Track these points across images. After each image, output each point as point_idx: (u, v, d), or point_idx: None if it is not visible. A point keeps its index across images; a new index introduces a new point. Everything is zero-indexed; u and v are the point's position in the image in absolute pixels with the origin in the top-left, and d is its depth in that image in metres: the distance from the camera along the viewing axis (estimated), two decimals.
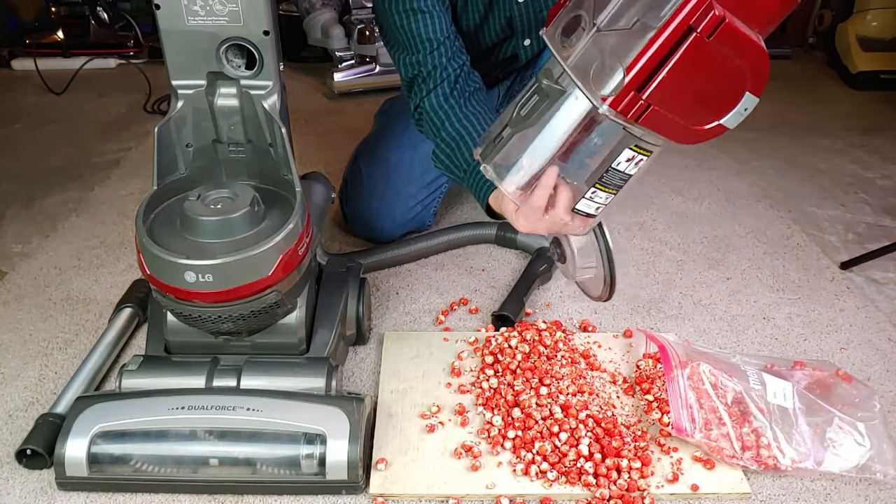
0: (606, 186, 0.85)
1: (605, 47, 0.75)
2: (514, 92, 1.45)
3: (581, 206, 0.87)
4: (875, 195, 1.75)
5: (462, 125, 1.15)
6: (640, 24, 0.73)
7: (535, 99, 0.83)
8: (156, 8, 0.89)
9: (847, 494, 0.94)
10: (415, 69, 1.18)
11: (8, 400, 1.06)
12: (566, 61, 0.78)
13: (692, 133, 0.78)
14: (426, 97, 1.18)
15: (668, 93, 0.73)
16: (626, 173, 0.84)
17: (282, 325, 1.01)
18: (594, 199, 0.86)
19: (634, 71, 0.72)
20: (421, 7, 1.15)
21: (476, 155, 0.91)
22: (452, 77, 1.17)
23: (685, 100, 0.75)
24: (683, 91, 0.74)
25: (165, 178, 0.99)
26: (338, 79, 2.33)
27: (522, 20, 1.28)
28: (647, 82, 0.72)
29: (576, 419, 0.99)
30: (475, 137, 1.12)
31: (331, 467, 0.88)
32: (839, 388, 1.05)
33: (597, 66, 0.76)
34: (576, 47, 0.78)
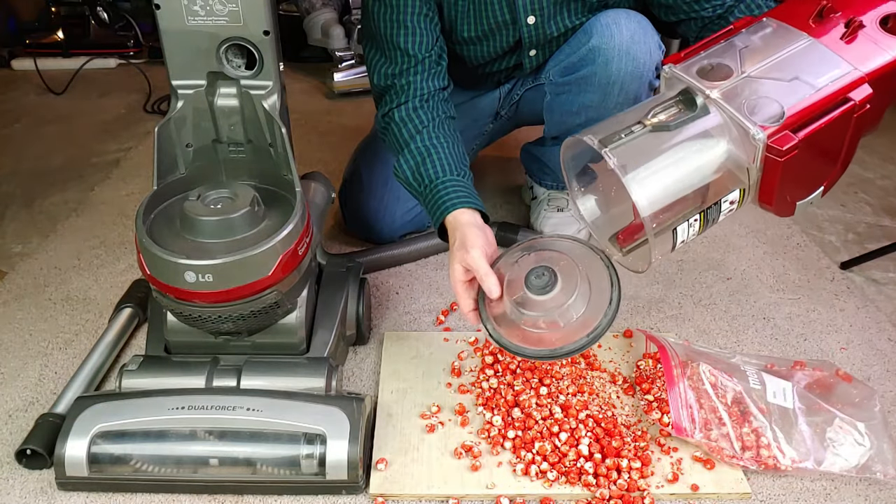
0: (705, 220, 0.88)
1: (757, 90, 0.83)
2: (515, 96, 1.45)
3: (680, 229, 0.87)
4: (875, 195, 1.75)
5: (432, 143, 1.11)
6: (797, 81, 0.82)
7: (678, 108, 0.87)
8: (156, 8, 0.89)
9: (847, 494, 0.94)
10: (389, 80, 1.17)
11: (8, 400, 1.06)
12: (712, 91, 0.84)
13: (783, 201, 0.86)
14: (396, 108, 1.15)
15: (810, 146, 0.81)
16: (720, 215, 0.88)
17: (282, 325, 1.01)
18: (691, 228, 0.87)
19: (797, 111, 0.81)
20: (406, 23, 1.15)
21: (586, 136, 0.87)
22: (427, 95, 1.15)
23: (807, 162, 0.83)
24: (814, 151, 0.82)
25: (165, 178, 1.00)
26: (338, 79, 2.33)
27: (532, 38, 1.27)
28: (801, 127, 0.80)
29: (576, 419, 0.99)
30: (443, 158, 1.09)
31: (331, 467, 0.88)
32: (839, 387, 1.05)
33: (750, 101, 0.82)
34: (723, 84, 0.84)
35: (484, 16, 1.22)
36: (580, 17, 1.25)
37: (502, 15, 1.22)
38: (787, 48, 0.86)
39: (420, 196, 1.11)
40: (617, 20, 1.19)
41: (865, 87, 0.82)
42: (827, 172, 0.87)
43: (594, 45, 1.20)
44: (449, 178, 1.07)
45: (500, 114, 1.49)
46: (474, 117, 1.46)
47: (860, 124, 0.83)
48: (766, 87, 0.84)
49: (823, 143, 0.82)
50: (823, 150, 0.84)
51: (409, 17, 1.15)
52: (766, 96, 0.82)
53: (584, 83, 1.25)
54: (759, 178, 0.84)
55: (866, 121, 0.84)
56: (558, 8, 1.22)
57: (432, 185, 1.07)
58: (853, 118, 0.82)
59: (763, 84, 0.84)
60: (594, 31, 1.21)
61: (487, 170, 1.73)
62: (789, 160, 0.80)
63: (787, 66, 0.85)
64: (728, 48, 0.89)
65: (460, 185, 1.07)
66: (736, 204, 0.88)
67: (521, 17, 1.22)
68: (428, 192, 1.08)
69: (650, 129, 0.86)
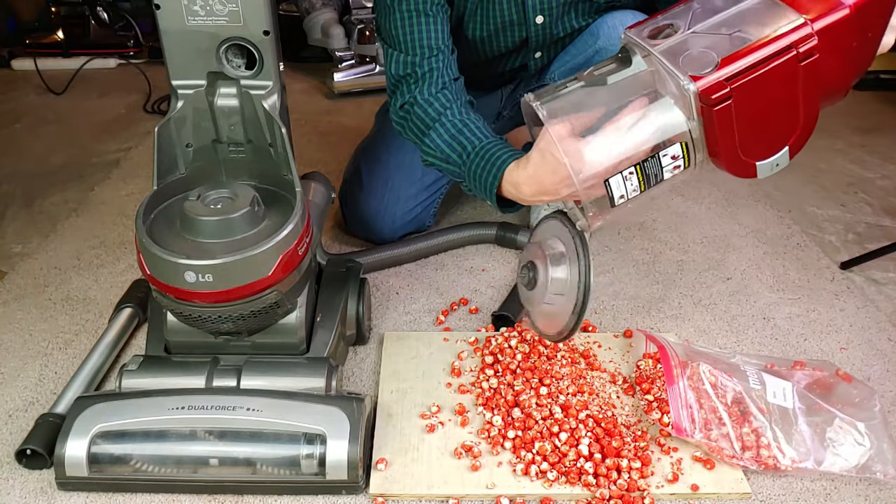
0: (643, 174, 0.86)
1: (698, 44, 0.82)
2: (518, 96, 1.45)
3: (613, 182, 0.86)
4: (875, 195, 1.75)
5: (467, 116, 1.10)
6: (738, 35, 0.81)
7: (613, 65, 0.87)
8: (156, 8, 0.89)
9: (847, 494, 0.94)
10: (407, 69, 1.15)
11: (8, 400, 1.06)
12: (654, 48, 0.83)
13: (735, 158, 0.83)
14: (419, 92, 1.13)
15: (747, 94, 0.79)
16: (662, 171, 0.86)
17: (282, 325, 1.01)
18: (627, 182, 0.86)
19: (732, 63, 0.78)
20: (426, 10, 1.13)
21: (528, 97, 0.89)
22: (447, 82, 1.15)
23: (752, 114, 0.80)
24: (756, 103, 0.80)
25: (165, 178, 1.00)
26: (338, 79, 2.33)
27: (538, 38, 1.26)
28: (737, 75, 0.78)
29: (576, 419, 0.99)
30: (481, 127, 1.08)
31: (331, 467, 0.88)
32: (839, 387, 1.05)
33: (688, 54, 0.81)
34: (665, 42, 0.84)
35: (492, 14, 1.22)
36: (587, 18, 1.25)
37: (510, 14, 1.22)
38: (739, 4, 0.84)
39: (462, 167, 1.07)
40: (624, 21, 1.19)
41: (810, 36, 0.78)
42: (787, 131, 0.84)
43: (601, 47, 1.20)
44: (494, 140, 1.05)
45: (501, 114, 1.49)
46: None
47: (811, 76, 0.80)
48: (707, 41, 0.82)
49: (769, 93, 0.80)
50: (772, 104, 0.81)
51: (427, 5, 1.13)
52: (704, 49, 0.81)
53: None
54: (702, 133, 0.83)
55: (821, 75, 0.81)
56: (566, 8, 1.22)
57: (478, 149, 1.04)
58: (800, 67, 0.79)
59: (705, 38, 0.82)
60: (601, 32, 1.21)
61: None
62: (723, 110, 0.78)
63: (736, 20, 0.83)
64: (685, 10, 0.88)
65: (507, 145, 1.04)
66: (681, 160, 0.86)
67: (529, 17, 1.22)
68: (474, 156, 1.04)
69: (583, 83, 0.87)
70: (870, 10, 0.81)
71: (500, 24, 1.23)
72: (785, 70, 0.79)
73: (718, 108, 0.79)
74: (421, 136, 1.12)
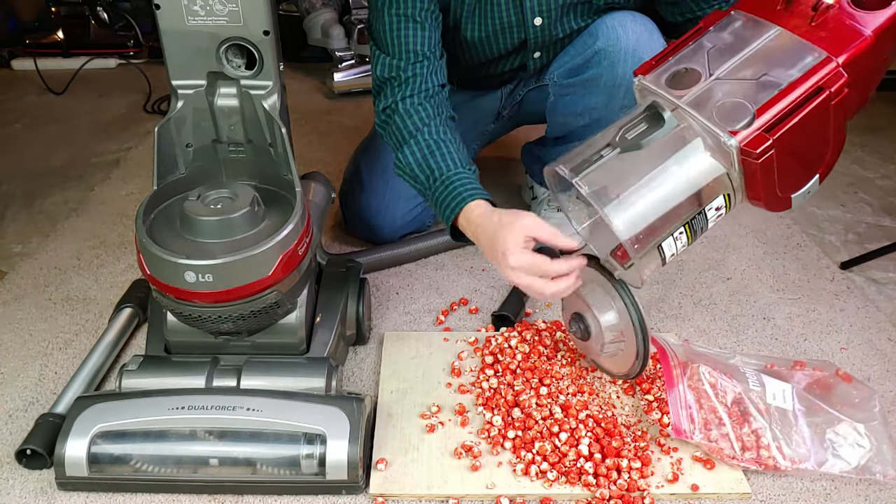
0: (691, 230, 0.86)
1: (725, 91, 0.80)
2: (517, 96, 1.45)
3: (665, 245, 0.86)
4: (875, 195, 1.75)
5: (440, 137, 1.09)
6: (766, 78, 0.79)
7: (644, 126, 0.85)
8: (156, 8, 0.89)
9: (847, 495, 0.94)
10: (392, 71, 1.15)
11: (8, 400, 1.06)
12: (681, 100, 0.81)
13: (774, 197, 0.83)
14: (401, 100, 1.13)
15: (787, 141, 0.78)
16: (708, 222, 0.86)
17: (282, 325, 1.01)
18: (678, 241, 0.86)
19: (768, 113, 0.77)
20: (414, 16, 1.14)
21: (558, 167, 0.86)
22: (430, 90, 1.14)
23: (790, 156, 0.80)
24: (795, 146, 0.79)
25: (165, 178, 1.00)
26: (338, 79, 2.33)
27: (537, 39, 1.26)
28: (775, 126, 0.77)
29: (576, 419, 0.99)
30: (452, 152, 1.07)
31: (331, 467, 0.88)
32: (839, 388, 1.05)
33: (720, 105, 0.80)
34: (691, 91, 0.82)
35: (490, 17, 1.22)
36: (586, 19, 1.24)
37: (509, 16, 1.22)
38: (755, 42, 0.82)
39: (426, 189, 1.08)
40: (623, 22, 1.19)
41: (840, 74, 0.77)
42: (818, 161, 0.84)
43: (600, 48, 1.20)
44: (461, 171, 1.05)
45: (501, 114, 1.49)
46: (476, 118, 1.46)
47: (841, 110, 0.79)
48: (734, 88, 0.81)
49: (804, 135, 0.79)
50: (807, 142, 0.81)
51: (416, 11, 1.14)
52: (735, 98, 0.80)
53: (589, 85, 1.25)
54: (742, 181, 0.82)
55: (849, 105, 0.80)
56: (565, 10, 1.22)
57: (443, 178, 1.05)
58: (831, 106, 0.78)
59: (732, 86, 0.81)
60: (600, 33, 1.21)
61: (487, 169, 1.72)
62: (767, 160, 0.77)
63: (756, 61, 0.81)
64: (697, 49, 0.86)
65: (473, 179, 1.05)
66: (723, 209, 0.86)
67: (528, 19, 1.22)
68: (438, 184, 1.05)
69: (619, 150, 0.85)
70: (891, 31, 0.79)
71: (499, 26, 1.23)
72: (819, 112, 0.78)
73: (762, 161, 0.77)
74: (396, 146, 1.13)
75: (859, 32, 0.78)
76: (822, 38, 0.79)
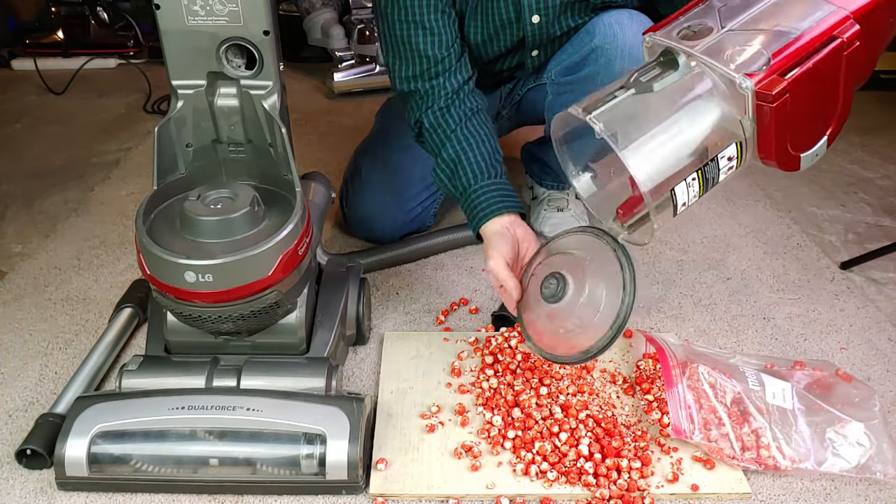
0: (703, 178, 0.84)
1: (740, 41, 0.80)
2: (516, 96, 1.45)
3: (678, 190, 0.83)
4: (875, 195, 1.75)
5: (461, 147, 1.12)
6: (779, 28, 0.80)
7: (658, 70, 0.84)
8: (156, 8, 0.89)
9: (847, 494, 0.94)
10: (411, 85, 1.16)
11: (8, 400, 1.06)
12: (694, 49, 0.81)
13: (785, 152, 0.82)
14: (424, 114, 1.15)
15: (800, 89, 0.78)
16: (720, 173, 0.84)
17: (282, 325, 1.01)
18: (690, 188, 0.84)
19: (783, 55, 0.77)
20: (423, 22, 1.13)
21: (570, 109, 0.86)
22: (451, 95, 1.15)
23: (803, 107, 0.80)
24: (807, 96, 0.79)
25: (165, 178, 0.99)
26: (338, 79, 2.33)
27: (535, 37, 1.26)
28: (789, 70, 0.77)
29: (576, 419, 0.99)
30: (472, 163, 1.11)
31: (331, 467, 0.88)
32: (839, 387, 1.05)
33: (734, 51, 0.80)
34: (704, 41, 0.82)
35: (490, 15, 1.22)
36: (584, 17, 1.25)
37: (508, 13, 1.22)
38: None
39: (461, 203, 1.14)
40: (620, 20, 1.19)
41: (852, 24, 0.78)
42: (827, 120, 0.83)
43: (597, 45, 1.20)
44: (480, 186, 1.10)
45: (500, 114, 1.49)
46: None
47: (852, 64, 0.80)
48: (748, 37, 0.81)
49: (816, 85, 0.79)
50: (818, 94, 0.81)
51: (425, 15, 1.13)
52: (750, 46, 0.80)
53: (586, 83, 1.25)
54: (754, 130, 0.81)
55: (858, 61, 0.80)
56: (563, 8, 1.22)
57: (466, 195, 1.11)
58: (843, 56, 0.79)
59: (746, 35, 0.81)
60: (597, 30, 1.21)
61: None
62: (781, 105, 0.77)
63: (769, 15, 0.82)
64: (707, 9, 0.86)
65: (491, 190, 1.10)
66: (735, 161, 0.84)
67: (525, 16, 1.22)
68: (465, 200, 1.12)
69: (633, 91, 0.84)
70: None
71: (499, 24, 1.23)
72: (832, 61, 0.78)
73: (777, 104, 0.77)
74: (433, 157, 1.17)
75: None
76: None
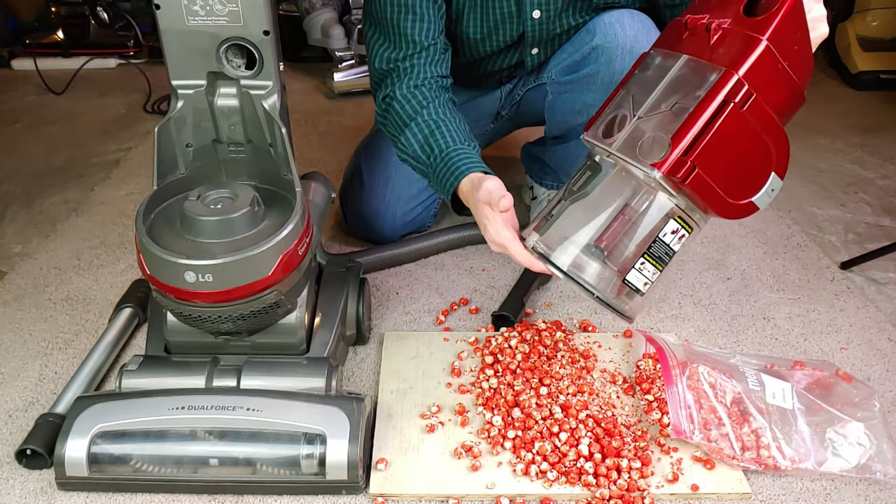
0: (653, 259, 0.88)
1: (647, 129, 0.85)
2: (516, 96, 1.45)
3: (631, 277, 0.88)
4: (875, 195, 1.75)
5: (440, 116, 1.12)
6: (678, 106, 0.83)
7: (588, 174, 0.91)
8: (156, 8, 0.89)
9: (847, 494, 0.94)
10: (391, 64, 1.16)
11: (8, 400, 1.06)
12: (611, 146, 0.87)
13: (729, 206, 0.86)
14: (398, 87, 1.15)
15: (709, 157, 0.81)
16: (670, 247, 0.88)
17: (282, 325, 1.01)
18: (643, 271, 0.88)
19: (683, 138, 0.81)
20: (414, 7, 1.14)
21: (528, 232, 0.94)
22: (430, 79, 1.16)
23: (723, 168, 0.83)
24: (722, 158, 0.82)
25: (165, 178, 0.99)
26: (338, 79, 2.33)
27: (535, 34, 1.26)
28: (692, 147, 0.81)
29: (576, 419, 0.99)
30: (452, 130, 1.11)
31: (331, 467, 0.88)
32: (839, 387, 1.05)
33: (642, 143, 0.84)
34: (619, 136, 0.87)
35: (490, 9, 1.22)
36: (584, 16, 1.25)
37: (509, 7, 1.22)
38: (668, 74, 0.87)
39: (429, 168, 1.11)
40: (620, 19, 1.19)
41: (740, 83, 0.80)
42: (765, 162, 0.86)
43: (597, 44, 1.20)
44: (461, 147, 1.08)
45: (500, 114, 1.49)
46: (475, 117, 1.46)
47: (758, 111, 0.82)
48: (654, 122, 0.85)
49: (728, 146, 0.82)
50: (736, 151, 0.83)
51: (417, 1, 1.14)
52: (654, 132, 0.84)
53: (586, 82, 1.25)
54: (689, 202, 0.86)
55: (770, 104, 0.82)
56: (564, 6, 1.22)
57: (444, 154, 1.08)
58: (744, 112, 0.81)
59: (652, 121, 0.85)
60: (597, 29, 1.21)
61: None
62: (694, 180, 0.81)
63: (670, 92, 0.86)
64: (625, 95, 0.91)
65: (472, 154, 1.08)
66: (682, 230, 0.88)
67: (526, 11, 1.22)
68: (439, 161, 1.09)
69: (567, 201, 0.91)
70: (785, 28, 0.81)
71: (500, 18, 1.23)
72: (732, 121, 0.81)
73: (689, 181, 0.81)
74: (398, 133, 1.15)
75: (753, 40, 0.81)
76: (720, 56, 0.83)
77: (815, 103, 2.36)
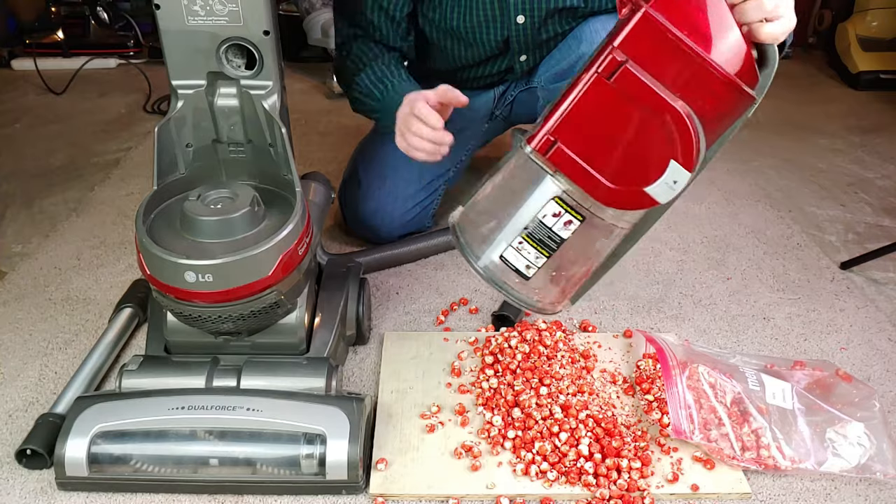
0: (533, 240, 0.85)
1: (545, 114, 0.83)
2: (509, 97, 1.46)
3: (508, 254, 0.86)
4: (875, 195, 1.75)
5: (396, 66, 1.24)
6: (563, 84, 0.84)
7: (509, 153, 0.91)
8: (156, 8, 0.89)
9: (847, 494, 0.94)
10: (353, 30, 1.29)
11: (8, 400, 1.06)
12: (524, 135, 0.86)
13: (612, 193, 0.80)
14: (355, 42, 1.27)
15: (571, 130, 0.78)
16: (555, 232, 0.84)
17: (282, 325, 1.01)
18: (521, 251, 0.86)
19: (553, 112, 0.79)
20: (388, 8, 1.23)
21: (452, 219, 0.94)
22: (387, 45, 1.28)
23: (593, 146, 0.79)
24: (587, 133, 0.79)
25: (165, 178, 0.99)
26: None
27: (520, 40, 1.28)
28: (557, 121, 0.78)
29: (576, 419, 0.99)
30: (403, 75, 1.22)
31: (331, 467, 0.88)
32: (839, 387, 1.05)
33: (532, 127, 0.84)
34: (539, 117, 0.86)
35: (475, 7, 1.24)
36: (571, 23, 1.26)
37: (493, 9, 1.23)
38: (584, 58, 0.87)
39: (381, 102, 1.21)
40: (607, 26, 1.20)
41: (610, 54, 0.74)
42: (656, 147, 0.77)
43: (584, 52, 1.21)
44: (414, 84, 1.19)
45: (494, 114, 1.49)
46: (470, 118, 1.46)
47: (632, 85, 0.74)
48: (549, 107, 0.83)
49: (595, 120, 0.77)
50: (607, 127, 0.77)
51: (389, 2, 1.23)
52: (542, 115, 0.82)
53: None
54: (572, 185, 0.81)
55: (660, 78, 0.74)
56: (549, 13, 1.23)
57: (394, 86, 1.19)
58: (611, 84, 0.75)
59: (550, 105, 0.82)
60: (584, 37, 1.22)
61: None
62: (556, 154, 0.78)
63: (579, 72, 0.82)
64: None
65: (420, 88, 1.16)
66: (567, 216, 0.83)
67: (509, 15, 1.23)
68: (392, 93, 1.18)
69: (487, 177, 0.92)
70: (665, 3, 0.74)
71: (483, 18, 1.24)
72: (596, 92, 0.76)
73: (551, 154, 0.79)
74: (354, 75, 1.26)
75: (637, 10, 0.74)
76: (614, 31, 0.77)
77: (814, 103, 2.37)
